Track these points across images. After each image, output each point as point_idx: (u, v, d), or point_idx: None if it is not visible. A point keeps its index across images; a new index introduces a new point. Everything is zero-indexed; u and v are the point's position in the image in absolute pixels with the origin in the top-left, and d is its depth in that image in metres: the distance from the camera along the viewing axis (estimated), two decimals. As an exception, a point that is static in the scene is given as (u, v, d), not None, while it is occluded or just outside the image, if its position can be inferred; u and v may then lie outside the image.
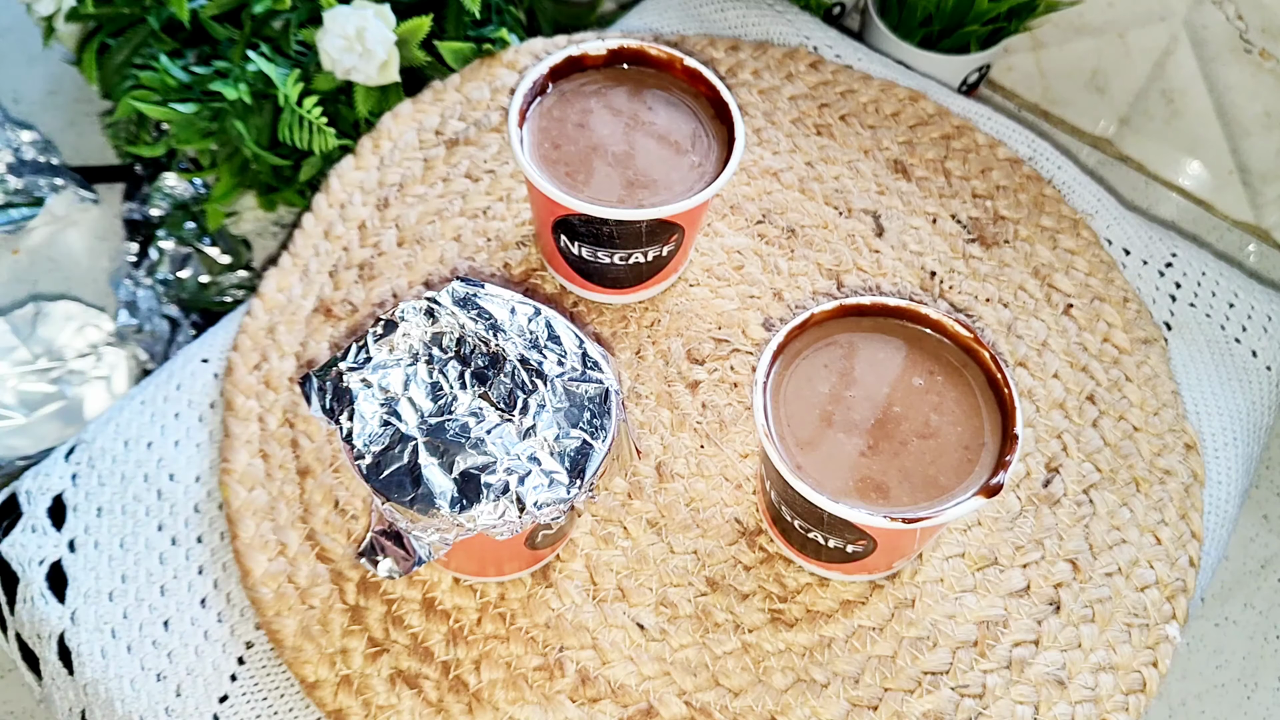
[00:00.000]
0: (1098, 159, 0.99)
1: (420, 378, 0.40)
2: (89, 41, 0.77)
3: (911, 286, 0.57)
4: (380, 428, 0.38)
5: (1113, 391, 0.54)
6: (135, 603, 0.47)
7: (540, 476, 0.38)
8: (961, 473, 0.42)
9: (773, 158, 0.61)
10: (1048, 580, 0.49)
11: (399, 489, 0.37)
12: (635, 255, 0.50)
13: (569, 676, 0.45)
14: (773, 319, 0.55)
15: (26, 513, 0.49)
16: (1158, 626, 0.48)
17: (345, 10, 0.67)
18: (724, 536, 0.49)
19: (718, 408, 0.52)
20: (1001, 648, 0.47)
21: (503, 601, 0.46)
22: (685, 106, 0.51)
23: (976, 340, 0.44)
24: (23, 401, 0.75)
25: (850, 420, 0.43)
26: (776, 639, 0.46)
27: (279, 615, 0.46)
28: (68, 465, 0.51)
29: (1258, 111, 0.88)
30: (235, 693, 0.45)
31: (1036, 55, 0.97)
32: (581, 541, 0.48)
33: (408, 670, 0.45)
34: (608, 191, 0.48)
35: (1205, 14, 0.85)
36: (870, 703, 0.45)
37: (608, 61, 0.52)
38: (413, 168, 0.59)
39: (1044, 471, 0.52)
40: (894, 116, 0.63)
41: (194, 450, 0.51)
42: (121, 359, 0.78)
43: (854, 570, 0.46)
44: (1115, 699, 0.46)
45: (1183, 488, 0.52)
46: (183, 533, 0.49)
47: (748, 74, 0.64)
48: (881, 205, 0.59)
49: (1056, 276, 0.58)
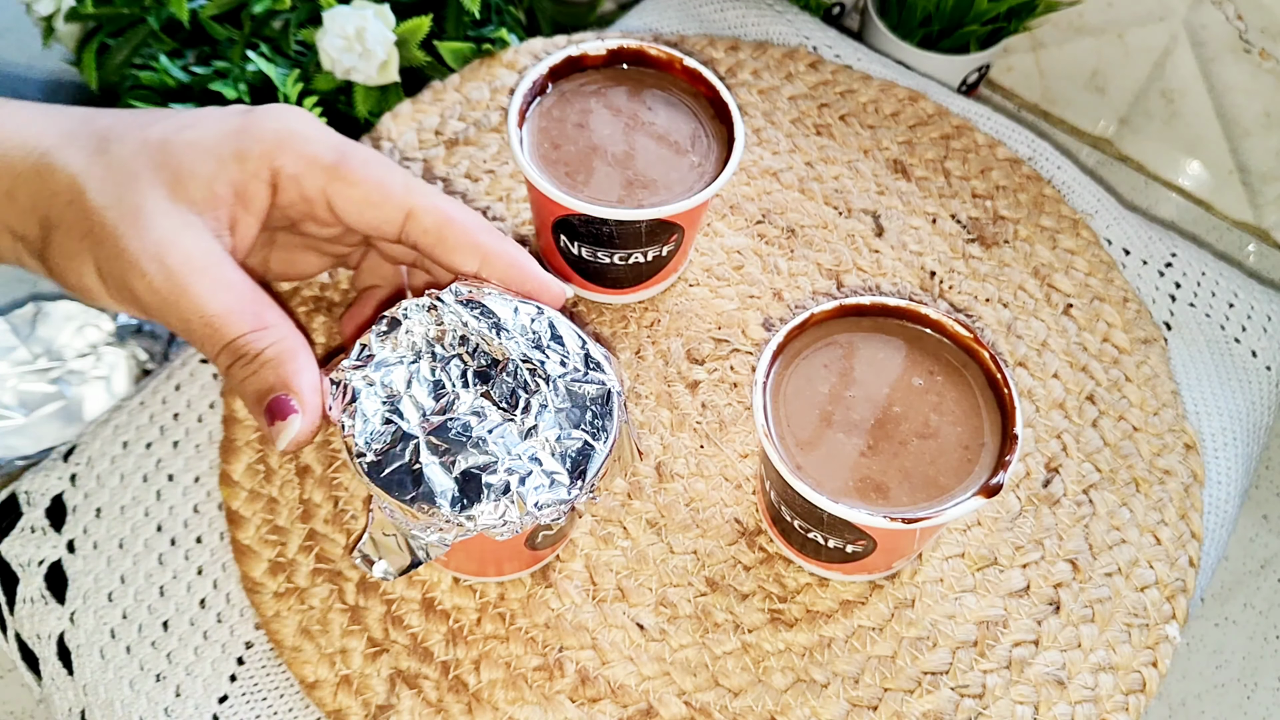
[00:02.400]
0: (1098, 159, 0.99)
1: (423, 376, 0.39)
2: (89, 41, 0.77)
3: (911, 286, 0.57)
4: (382, 426, 0.38)
5: (1112, 391, 0.54)
6: (134, 603, 0.47)
7: (541, 477, 0.38)
8: (961, 473, 0.42)
9: (772, 158, 0.61)
10: (1048, 580, 0.49)
11: (399, 487, 0.37)
12: (635, 255, 0.50)
13: (569, 676, 0.45)
14: (772, 319, 0.55)
15: (26, 513, 0.49)
16: (1158, 626, 0.48)
17: (345, 10, 0.67)
18: (724, 536, 0.49)
19: (717, 408, 0.52)
20: (1001, 648, 0.47)
21: (502, 601, 0.46)
22: (685, 106, 0.51)
23: (976, 340, 0.44)
24: (22, 401, 0.75)
25: (850, 420, 0.43)
26: (776, 639, 0.46)
27: (278, 615, 0.46)
28: (67, 466, 0.51)
29: (1258, 111, 0.88)
30: (235, 693, 0.45)
31: (1036, 55, 0.97)
32: (581, 542, 0.48)
33: (407, 670, 0.45)
34: (607, 191, 0.48)
35: (1205, 14, 0.85)
36: (870, 703, 0.45)
37: (607, 61, 0.52)
38: (412, 168, 0.59)
39: (1044, 471, 0.52)
40: (894, 116, 0.63)
41: (193, 451, 0.51)
42: (121, 359, 0.77)
43: (854, 570, 0.46)
44: (1115, 699, 0.46)
45: (1182, 488, 0.52)
46: (182, 533, 0.49)
47: (747, 74, 0.64)
48: (881, 205, 0.59)
49: (1056, 276, 0.58)
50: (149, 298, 0.36)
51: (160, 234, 0.36)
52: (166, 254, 0.36)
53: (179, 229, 0.36)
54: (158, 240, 0.36)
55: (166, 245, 0.36)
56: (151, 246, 0.36)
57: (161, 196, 0.37)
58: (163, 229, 0.36)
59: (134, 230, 0.36)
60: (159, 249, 0.36)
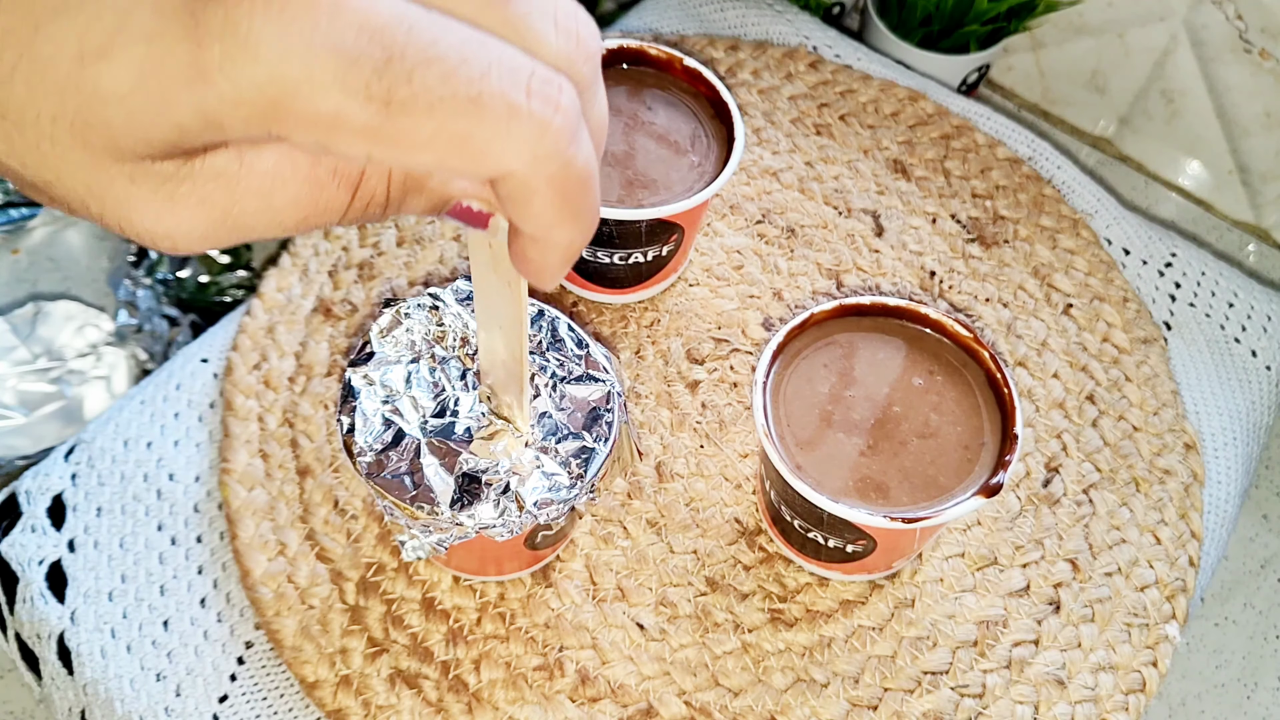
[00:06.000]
0: (1098, 159, 0.99)
1: (422, 376, 0.39)
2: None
3: (911, 286, 0.57)
4: (381, 426, 0.38)
5: (1112, 391, 0.54)
6: (135, 602, 0.47)
7: (541, 477, 0.38)
8: (961, 473, 0.42)
9: (772, 158, 0.61)
10: (1047, 580, 0.49)
11: (399, 487, 0.37)
12: (635, 255, 0.50)
13: (569, 676, 0.45)
14: (772, 319, 0.55)
15: (26, 512, 0.49)
16: (1158, 626, 0.48)
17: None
18: (724, 536, 0.49)
19: (717, 408, 0.52)
20: (1001, 647, 0.47)
21: (502, 601, 0.46)
22: (685, 106, 0.51)
23: (976, 340, 0.44)
24: (22, 401, 0.75)
25: (850, 420, 0.43)
26: (776, 639, 0.46)
27: (278, 615, 0.46)
28: (67, 465, 0.51)
29: (1258, 111, 0.88)
30: (235, 693, 0.45)
31: (1036, 55, 0.97)
32: (581, 541, 0.48)
33: (407, 670, 0.45)
34: (607, 191, 0.48)
35: (1205, 14, 0.85)
36: (870, 703, 0.45)
37: (607, 61, 0.52)
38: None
39: (1044, 471, 0.52)
40: (893, 116, 0.63)
41: (193, 450, 0.51)
42: (121, 359, 0.77)
43: (854, 570, 0.46)
44: (1115, 699, 0.46)
45: (1182, 487, 0.52)
46: (182, 532, 0.49)
47: (747, 74, 0.64)
48: (881, 205, 0.59)
49: (1056, 276, 0.58)
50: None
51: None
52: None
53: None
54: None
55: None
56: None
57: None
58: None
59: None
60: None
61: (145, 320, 0.79)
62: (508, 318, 0.32)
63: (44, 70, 0.19)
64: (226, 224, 0.22)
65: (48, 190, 0.21)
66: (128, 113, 0.19)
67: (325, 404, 0.51)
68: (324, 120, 0.19)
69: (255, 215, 0.22)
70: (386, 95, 0.19)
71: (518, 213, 0.22)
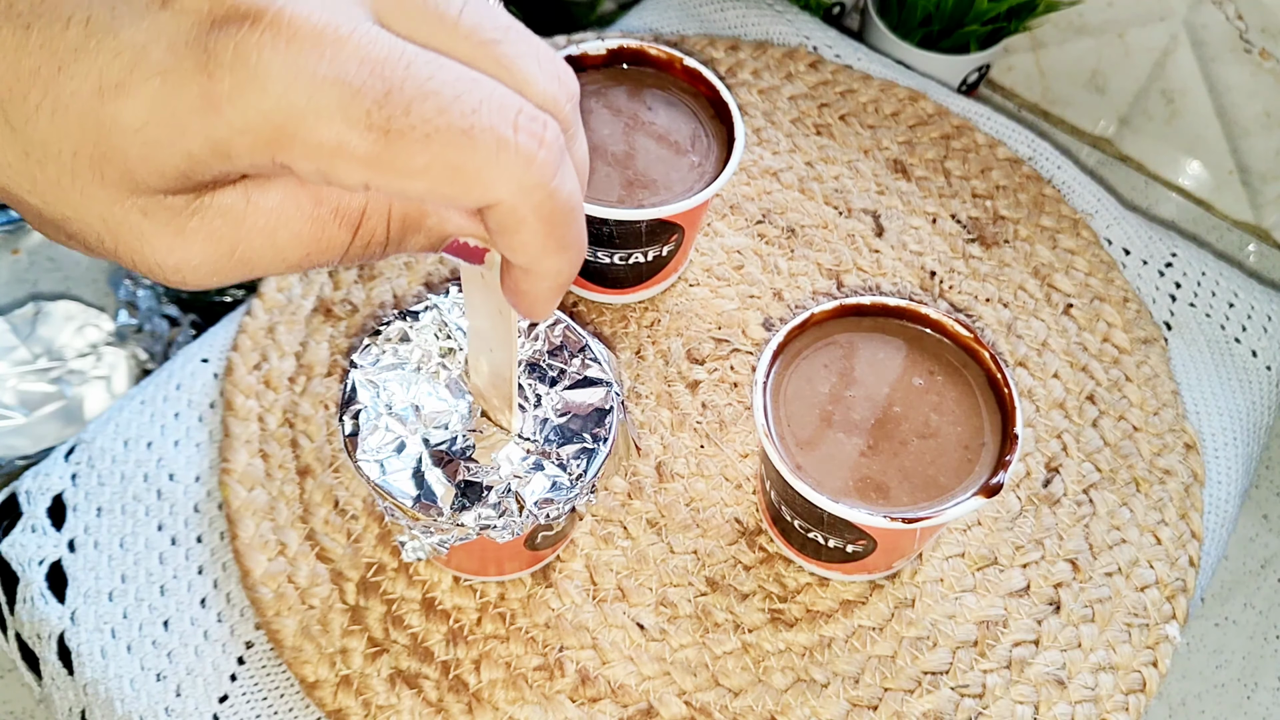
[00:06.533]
0: (1098, 159, 0.99)
1: (423, 383, 0.40)
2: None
3: (911, 286, 0.57)
4: (384, 429, 0.38)
5: (1113, 391, 0.54)
6: (135, 602, 0.47)
7: (541, 478, 0.38)
8: (961, 473, 0.42)
9: (772, 158, 0.61)
10: (1048, 580, 0.49)
11: (400, 489, 0.37)
12: (635, 255, 0.50)
13: (569, 676, 0.45)
14: (773, 319, 0.55)
15: (26, 512, 0.49)
16: (1158, 626, 0.48)
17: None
18: (724, 536, 0.49)
19: (718, 408, 0.52)
20: (1001, 648, 0.47)
21: (503, 601, 0.46)
22: (685, 106, 0.51)
23: (976, 340, 0.44)
24: (22, 401, 0.75)
25: (850, 420, 0.43)
26: (776, 639, 0.46)
27: (279, 615, 0.46)
28: (67, 465, 0.51)
29: (1258, 111, 0.88)
30: (235, 693, 0.45)
31: (1036, 55, 0.97)
32: (581, 541, 0.48)
33: (408, 670, 0.45)
34: (607, 191, 0.48)
35: (1205, 14, 0.85)
36: (870, 703, 0.45)
37: (607, 61, 0.52)
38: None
39: (1044, 471, 0.52)
40: (894, 116, 0.63)
41: (194, 450, 0.51)
42: (121, 359, 0.77)
43: (854, 570, 0.46)
44: (1115, 699, 0.46)
45: (1183, 487, 0.52)
46: (182, 532, 0.49)
47: (747, 74, 0.64)
48: (881, 205, 0.59)
49: (1056, 276, 0.58)
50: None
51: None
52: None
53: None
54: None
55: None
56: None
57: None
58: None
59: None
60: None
61: (145, 320, 0.79)
62: (499, 344, 0.34)
63: (66, 106, 0.20)
64: (233, 259, 0.23)
65: (65, 227, 0.22)
66: (143, 143, 0.20)
67: (325, 404, 0.51)
68: (326, 148, 0.20)
69: (260, 251, 0.23)
70: (385, 125, 0.20)
71: (507, 243, 0.23)
